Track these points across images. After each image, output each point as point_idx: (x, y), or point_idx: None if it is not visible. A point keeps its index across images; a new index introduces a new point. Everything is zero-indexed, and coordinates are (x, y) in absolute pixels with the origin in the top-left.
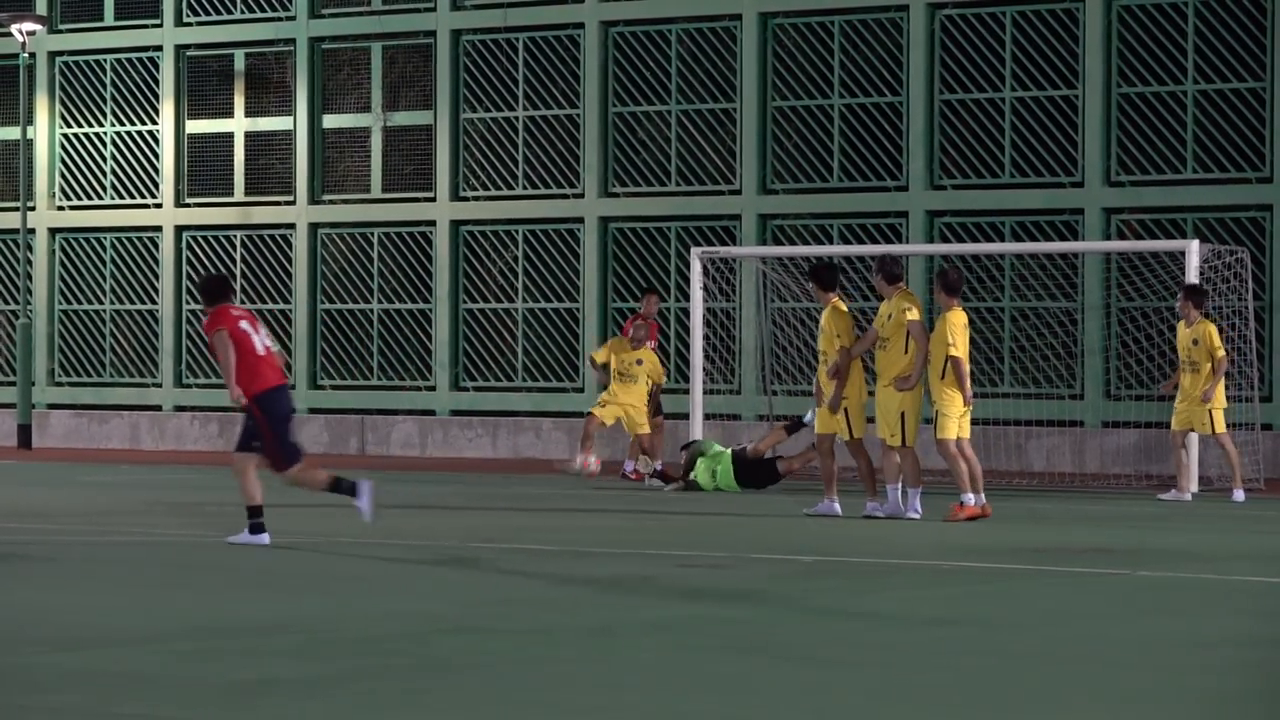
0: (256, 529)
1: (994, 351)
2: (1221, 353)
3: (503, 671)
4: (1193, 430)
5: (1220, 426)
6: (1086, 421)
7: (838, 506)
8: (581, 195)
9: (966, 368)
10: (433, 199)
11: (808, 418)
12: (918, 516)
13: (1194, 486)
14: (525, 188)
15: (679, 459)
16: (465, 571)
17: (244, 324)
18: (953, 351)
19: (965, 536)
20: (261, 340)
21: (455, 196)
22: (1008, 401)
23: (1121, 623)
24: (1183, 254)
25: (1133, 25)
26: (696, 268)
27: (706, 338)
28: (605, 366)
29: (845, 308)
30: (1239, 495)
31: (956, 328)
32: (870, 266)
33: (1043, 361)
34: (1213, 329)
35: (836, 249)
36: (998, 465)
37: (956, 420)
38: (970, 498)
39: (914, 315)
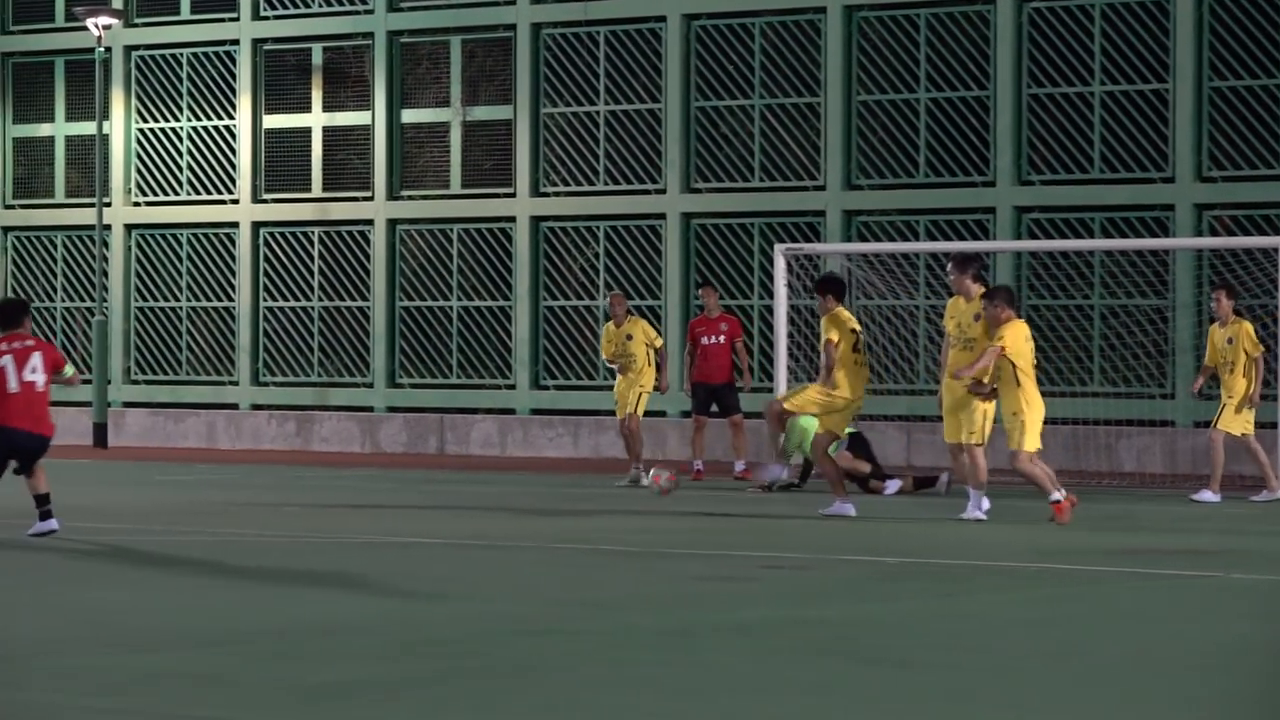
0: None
1: (1083, 350)
2: (1259, 350)
3: (582, 674)
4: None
5: (1226, 425)
6: (1178, 421)
7: (851, 507)
8: (663, 191)
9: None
10: (512, 195)
11: (889, 489)
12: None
13: None
14: (606, 183)
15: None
16: (545, 573)
17: (5, 359)
18: (1021, 361)
19: (1052, 538)
20: (20, 379)
21: (535, 192)
22: (1097, 401)
23: (1213, 627)
24: (1275, 250)
25: (1225, 18)
26: (780, 265)
27: (790, 336)
28: (617, 359)
29: (847, 314)
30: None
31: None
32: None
33: (1133, 360)
34: (1249, 328)
35: (922, 245)
36: (1087, 465)
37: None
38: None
39: None
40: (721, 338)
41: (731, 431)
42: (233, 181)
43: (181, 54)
